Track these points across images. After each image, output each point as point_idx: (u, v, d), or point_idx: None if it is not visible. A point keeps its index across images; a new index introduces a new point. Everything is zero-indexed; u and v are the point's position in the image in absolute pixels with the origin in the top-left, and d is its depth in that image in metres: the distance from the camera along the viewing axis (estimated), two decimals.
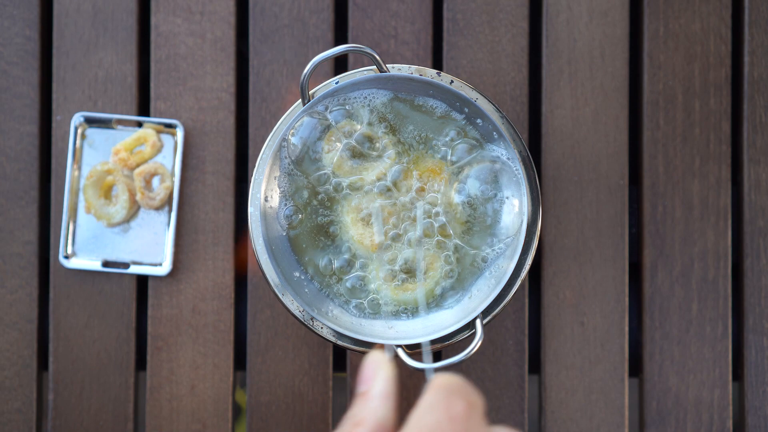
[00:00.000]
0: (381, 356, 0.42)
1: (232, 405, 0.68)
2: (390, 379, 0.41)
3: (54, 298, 0.68)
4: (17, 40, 0.68)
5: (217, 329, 0.68)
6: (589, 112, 0.68)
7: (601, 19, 0.68)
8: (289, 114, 0.57)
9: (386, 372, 0.41)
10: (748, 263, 0.68)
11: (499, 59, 0.68)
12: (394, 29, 0.68)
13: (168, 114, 0.68)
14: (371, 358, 0.42)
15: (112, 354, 0.68)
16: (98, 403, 0.68)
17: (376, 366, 0.41)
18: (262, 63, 0.68)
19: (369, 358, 0.42)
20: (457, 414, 0.36)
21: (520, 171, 0.56)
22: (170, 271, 0.67)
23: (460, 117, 0.57)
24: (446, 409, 0.36)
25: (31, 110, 0.68)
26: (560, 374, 0.67)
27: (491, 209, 0.57)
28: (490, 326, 0.67)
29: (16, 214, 0.68)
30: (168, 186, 0.67)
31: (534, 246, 0.56)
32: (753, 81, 0.68)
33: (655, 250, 0.68)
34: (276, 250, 0.56)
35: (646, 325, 0.68)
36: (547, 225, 0.67)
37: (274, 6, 0.68)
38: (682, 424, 0.67)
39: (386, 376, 0.41)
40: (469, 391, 0.37)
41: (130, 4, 0.69)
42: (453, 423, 0.36)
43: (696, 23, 0.68)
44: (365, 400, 0.40)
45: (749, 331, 0.68)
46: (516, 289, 0.56)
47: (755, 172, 0.68)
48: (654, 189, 0.68)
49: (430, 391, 0.38)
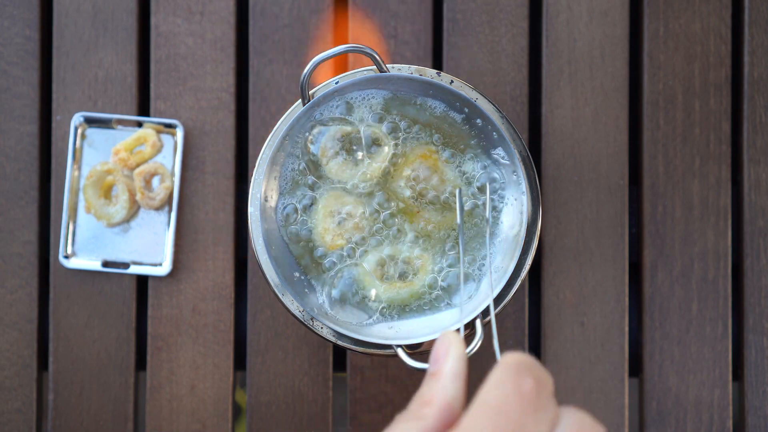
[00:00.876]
0: (453, 335, 0.41)
1: (232, 405, 0.68)
2: (461, 358, 0.39)
3: (54, 298, 0.68)
4: (17, 40, 0.68)
5: (217, 329, 0.68)
6: (589, 112, 0.68)
7: (601, 19, 0.68)
8: (289, 114, 0.57)
9: (457, 351, 0.40)
10: (748, 263, 0.68)
11: (499, 59, 0.68)
12: (394, 29, 0.68)
13: (168, 114, 0.68)
14: (443, 337, 0.41)
15: (112, 354, 0.68)
16: (98, 403, 0.68)
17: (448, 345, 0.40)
18: (262, 63, 0.68)
19: (441, 337, 0.41)
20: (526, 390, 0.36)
21: (520, 171, 0.56)
22: (170, 271, 0.67)
23: (459, 117, 0.57)
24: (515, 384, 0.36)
25: (31, 110, 0.68)
26: (560, 374, 0.67)
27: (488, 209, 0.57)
28: (490, 326, 0.67)
29: (16, 214, 0.68)
30: (168, 186, 0.67)
31: (534, 246, 0.56)
32: (753, 81, 0.68)
33: (655, 250, 0.68)
34: (276, 250, 0.56)
35: (646, 325, 0.68)
36: (547, 225, 0.67)
37: (274, 6, 0.68)
38: (682, 424, 0.67)
39: (457, 356, 0.39)
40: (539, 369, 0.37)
41: (130, 4, 0.69)
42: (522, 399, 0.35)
43: (696, 23, 0.68)
44: (435, 379, 0.39)
45: (749, 331, 0.68)
46: (516, 289, 0.56)
47: (755, 172, 0.68)
48: (654, 189, 0.68)
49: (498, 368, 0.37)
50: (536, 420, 0.35)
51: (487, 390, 0.36)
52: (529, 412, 0.35)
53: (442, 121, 0.57)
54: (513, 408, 0.35)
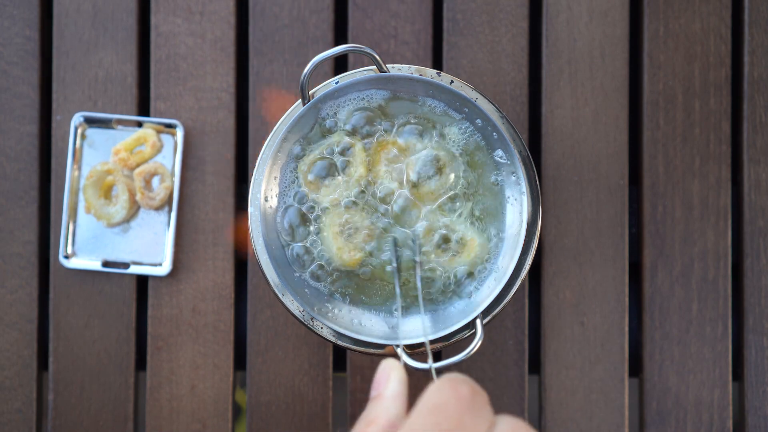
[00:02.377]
0: (393, 362, 0.44)
1: (232, 405, 0.68)
2: (401, 381, 0.43)
3: (54, 298, 0.68)
4: (17, 40, 0.68)
5: (217, 329, 0.68)
6: (589, 112, 0.68)
7: (601, 19, 0.68)
8: (289, 114, 0.57)
9: (397, 375, 0.43)
10: (748, 263, 0.68)
11: (499, 59, 0.68)
12: (394, 29, 0.68)
13: (168, 114, 0.68)
14: (384, 364, 0.44)
15: (112, 354, 0.68)
16: (98, 403, 0.68)
17: (388, 370, 0.43)
18: (262, 63, 0.68)
19: (382, 365, 0.44)
20: (463, 394, 0.38)
21: (520, 171, 0.56)
22: (170, 271, 0.67)
23: (458, 116, 0.57)
24: (452, 389, 0.38)
25: (31, 110, 0.68)
26: (560, 374, 0.67)
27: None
28: (490, 326, 0.67)
29: (16, 214, 0.68)
30: (168, 186, 0.67)
31: (534, 246, 0.56)
32: (753, 81, 0.68)
33: (655, 250, 0.68)
34: (276, 250, 0.56)
35: (646, 325, 0.68)
36: (547, 225, 0.67)
37: (274, 6, 0.68)
38: (682, 424, 0.67)
39: (398, 379, 0.43)
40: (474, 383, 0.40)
41: (130, 4, 0.69)
42: (459, 400, 0.38)
43: (696, 23, 0.68)
44: (377, 401, 0.42)
45: (749, 331, 0.68)
46: (516, 289, 0.56)
47: (755, 172, 0.68)
48: (654, 189, 0.68)
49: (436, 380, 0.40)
50: (474, 419, 0.38)
51: (427, 395, 0.39)
52: (467, 412, 0.38)
53: (408, 107, 0.57)
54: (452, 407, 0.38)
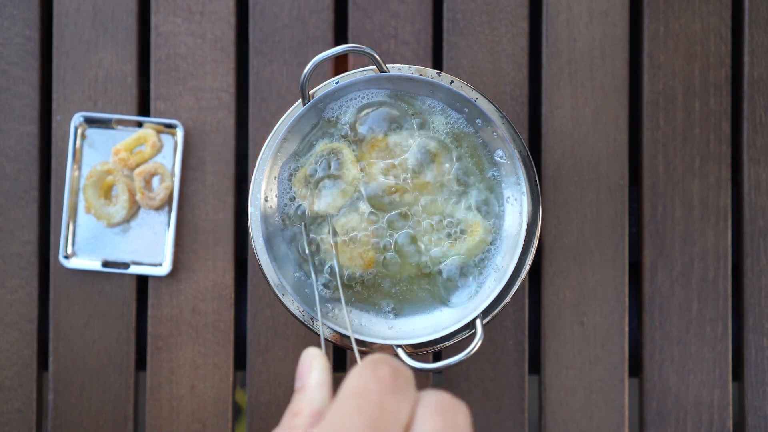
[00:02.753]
0: (314, 350, 0.44)
1: (232, 405, 0.68)
2: (323, 369, 0.42)
3: (54, 298, 0.68)
4: (17, 40, 0.68)
5: (217, 329, 0.68)
6: (589, 112, 0.68)
7: (601, 19, 0.68)
8: (289, 114, 0.57)
9: (320, 363, 0.42)
10: (748, 263, 0.68)
11: (499, 59, 0.68)
12: (394, 29, 0.68)
13: (168, 114, 0.68)
14: (305, 354, 0.44)
15: (112, 354, 0.68)
16: (98, 403, 0.68)
17: (310, 359, 0.43)
18: (262, 63, 0.68)
19: (303, 354, 0.44)
20: (383, 375, 0.38)
21: (520, 171, 0.56)
22: (170, 271, 0.67)
23: (457, 116, 0.57)
24: (372, 372, 0.38)
25: (31, 110, 0.68)
26: (560, 374, 0.67)
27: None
28: (490, 326, 0.67)
29: (16, 214, 0.68)
30: (168, 186, 0.67)
31: (534, 246, 0.56)
32: (753, 81, 0.68)
33: (655, 250, 0.68)
34: (276, 250, 0.56)
35: (646, 325, 0.68)
36: (547, 225, 0.67)
37: (274, 6, 0.68)
38: (682, 424, 0.67)
39: (320, 367, 0.42)
40: (396, 361, 0.39)
41: (130, 4, 0.69)
42: (380, 382, 0.38)
43: (696, 23, 0.68)
44: (302, 392, 0.42)
45: (749, 331, 0.68)
46: (516, 289, 0.56)
47: (755, 172, 0.68)
48: (654, 189, 0.68)
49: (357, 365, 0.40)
50: (397, 400, 0.37)
51: (347, 380, 0.38)
52: (388, 393, 0.38)
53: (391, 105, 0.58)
54: (373, 390, 0.38)
